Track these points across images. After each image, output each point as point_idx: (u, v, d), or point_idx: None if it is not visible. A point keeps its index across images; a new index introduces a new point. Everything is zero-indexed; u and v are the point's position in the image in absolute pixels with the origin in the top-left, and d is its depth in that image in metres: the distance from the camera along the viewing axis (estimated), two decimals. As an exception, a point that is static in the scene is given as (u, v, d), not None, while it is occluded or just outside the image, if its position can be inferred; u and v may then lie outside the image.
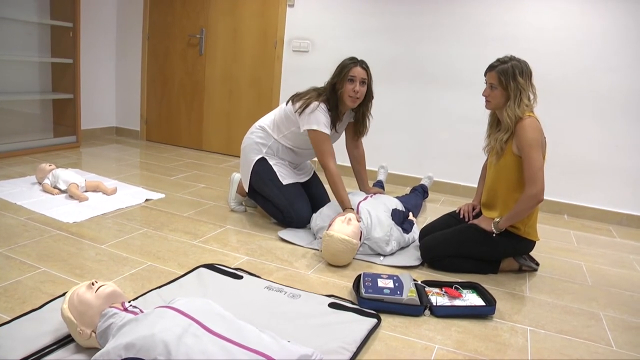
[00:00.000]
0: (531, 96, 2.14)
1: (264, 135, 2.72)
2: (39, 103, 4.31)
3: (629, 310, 2.05)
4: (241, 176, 2.85)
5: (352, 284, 2.01)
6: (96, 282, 1.43)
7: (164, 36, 4.70)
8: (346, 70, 2.49)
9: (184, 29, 4.60)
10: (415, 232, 2.60)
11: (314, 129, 2.50)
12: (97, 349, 1.33)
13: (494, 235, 2.20)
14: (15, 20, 3.87)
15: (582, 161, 3.46)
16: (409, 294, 1.83)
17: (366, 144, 2.95)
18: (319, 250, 2.38)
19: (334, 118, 2.56)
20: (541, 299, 2.08)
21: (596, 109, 3.36)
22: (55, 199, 2.85)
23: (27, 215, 2.54)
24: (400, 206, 2.65)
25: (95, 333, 1.37)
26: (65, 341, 1.45)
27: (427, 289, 1.98)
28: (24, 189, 2.97)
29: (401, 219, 2.57)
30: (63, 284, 1.83)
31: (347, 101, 2.53)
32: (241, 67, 4.43)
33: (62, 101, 4.30)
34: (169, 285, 1.86)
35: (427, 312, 1.85)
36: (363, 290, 1.84)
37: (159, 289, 1.82)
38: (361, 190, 2.94)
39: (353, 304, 1.84)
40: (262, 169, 2.68)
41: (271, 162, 2.68)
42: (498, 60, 2.16)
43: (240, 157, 2.81)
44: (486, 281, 2.18)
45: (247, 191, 2.79)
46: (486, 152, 2.39)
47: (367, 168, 3.00)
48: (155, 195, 3.08)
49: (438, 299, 1.91)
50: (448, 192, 3.84)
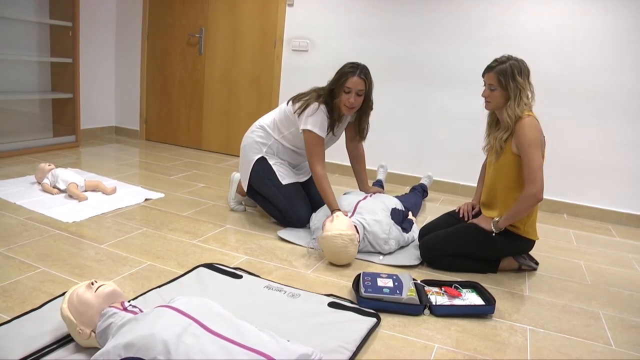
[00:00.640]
0: (529, 94, 2.14)
1: (264, 135, 2.72)
2: (39, 102, 4.31)
3: (628, 309, 2.05)
4: (240, 175, 2.85)
5: (351, 284, 2.01)
6: (96, 282, 1.43)
7: (163, 36, 4.70)
8: (343, 80, 2.47)
9: (183, 28, 4.60)
10: (415, 232, 2.60)
11: (309, 129, 2.50)
12: (97, 349, 1.33)
13: (493, 234, 2.20)
14: (14, 19, 3.87)
15: (582, 160, 3.46)
16: (408, 293, 1.83)
17: (365, 143, 2.94)
18: (314, 249, 2.37)
19: (332, 121, 2.56)
20: (540, 298, 2.08)
21: (595, 108, 3.36)
22: (54, 198, 2.85)
23: (27, 215, 2.54)
24: (399, 205, 2.65)
25: (94, 333, 1.37)
26: (64, 341, 1.45)
27: (427, 288, 1.98)
28: (23, 189, 2.97)
29: (401, 218, 2.57)
30: (62, 284, 1.83)
31: (342, 110, 2.54)
32: (241, 66, 4.43)
33: (61, 101, 4.29)
34: (168, 285, 1.86)
35: (426, 311, 1.85)
36: (362, 290, 1.84)
37: (158, 289, 1.82)
38: (361, 190, 2.93)
39: (352, 303, 1.84)
40: (261, 168, 2.68)
41: (271, 162, 2.68)
42: (496, 61, 2.15)
43: (240, 156, 2.81)
44: (486, 280, 2.18)
45: (246, 190, 2.80)
46: (485, 151, 2.39)
47: (368, 167, 3.01)
48: (155, 195, 3.08)
49: (437, 298, 1.91)
50: (447, 191, 3.84)
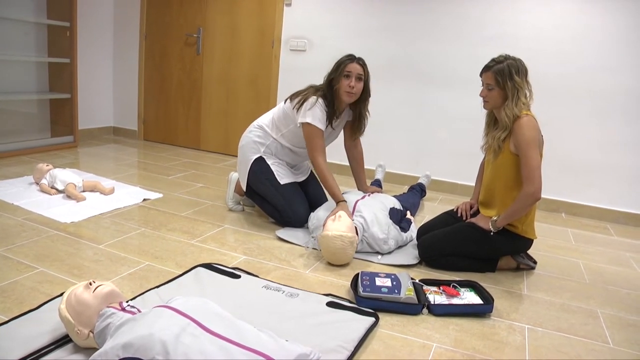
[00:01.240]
0: (527, 94, 2.14)
1: (262, 135, 2.72)
2: (36, 103, 4.30)
3: (626, 307, 2.06)
4: (239, 175, 2.85)
5: (350, 283, 2.01)
6: (94, 282, 1.43)
7: (161, 35, 4.70)
8: (342, 67, 2.50)
9: (181, 28, 4.59)
10: (413, 231, 2.61)
11: (308, 122, 2.51)
12: (95, 349, 1.32)
13: (491, 233, 2.20)
14: (11, 19, 3.86)
15: (580, 159, 3.47)
16: (406, 292, 1.83)
17: (364, 143, 2.95)
18: (314, 249, 2.38)
19: (330, 114, 2.57)
20: (539, 297, 2.09)
21: (594, 107, 3.37)
22: (52, 199, 2.85)
23: (25, 216, 2.54)
24: (397, 205, 2.66)
25: (93, 333, 1.37)
26: (63, 341, 1.45)
27: (425, 287, 1.98)
28: (21, 189, 2.96)
29: (399, 218, 2.57)
30: (61, 284, 1.83)
31: (343, 97, 2.54)
32: (239, 66, 4.42)
33: (59, 101, 4.29)
34: (167, 285, 1.86)
35: (425, 310, 1.85)
36: (361, 289, 1.84)
37: (157, 289, 1.82)
38: (359, 189, 2.93)
39: (351, 302, 1.84)
40: (259, 168, 2.68)
41: (269, 162, 2.68)
42: (493, 61, 2.16)
43: (238, 156, 2.81)
44: (484, 279, 2.18)
45: (244, 190, 2.80)
46: (484, 150, 2.39)
47: (366, 167, 3.01)
48: (153, 195, 3.07)
49: (436, 297, 1.91)
50: (446, 190, 3.84)
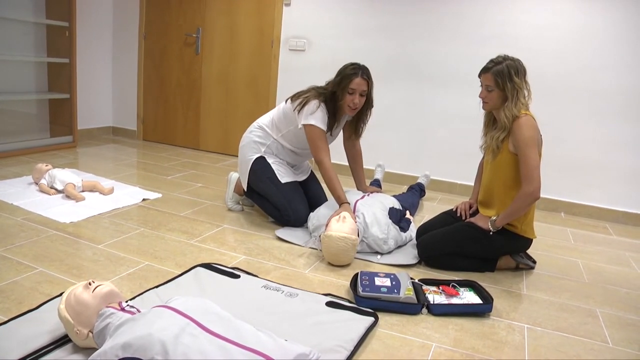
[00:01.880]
0: (526, 94, 2.14)
1: (262, 135, 2.72)
2: (35, 103, 4.30)
3: (626, 307, 2.06)
4: (239, 174, 2.85)
5: (349, 283, 2.01)
6: (93, 282, 1.43)
7: (160, 35, 4.69)
8: (346, 82, 2.49)
9: (180, 28, 4.59)
10: (413, 231, 2.61)
11: (311, 124, 2.51)
12: (95, 349, 1.32)
13: (490, 233, 2.20)
14: (10, 19, 3.86)
15: (579, 159, 3.47)
16: (406, 292, 1.83)
17: (363, 142, 2.95)
18: (315, 249, 2.38)
19: (331, 123, 2.58)
20: (538, 297, 2.09)
21: (593, 107, 3.37)
22: (52, 199, 2.84)
23: (24, 216, 2.54)
24: (397, 205, 2.66)
25: (92, 333, 1.37)
26: (62, 341, 1.45)
27: (425, 287, 1.98)
28: (20, 189, 2.96)
29: (398, 218, 2.57)
30: (60, 284, 1.83)
31: (346, 110, 2.57)
32: (238, 66, 4.42)
33: (58, 101, 4.28)
34: (166, 285, 1.86)
35: (424, 310, 1.85)
36: (360, 289, 1.84)
37: (156, 289, 1.82)
38: (358, 189, 2.94)
39: (350, 302, 1.84)
40: (260, 167, 2.67)
41: (270, 161, 2.68)
42: (492, 62, 2.15)
43: (239, 156, 2.81)
44: (483, 279, 2.19)
45: (244, 190, 2.79)
46: (483, 150, 2.39)
47: (365, 166, 3.01)
48: (152, 195, 3.07)
49: (435, 297, 1.91)
50: (445, 190, 3.84)
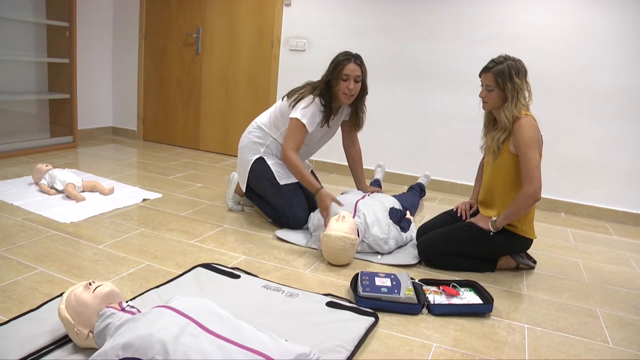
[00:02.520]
0: (527, 94, 2.14)
1: (261, 135, 2.72)
2: (36, 103, 4.30)
3: (626, 307, 2.06)
4: (238, 175, 2.85)
5: (349, 283, 2.01)
6: (93, 282, 1.43)
7: (160, 35, 4.69)
8: (340, 68, 2.49)
9: (180, 28, 4.59)
10: (413, 231, 2.61)
11: (297, 117, 2.51)
12: (95, 349, 1.32)
13: (491, 233, 2.20)
14: (10, 19, 3.86)
15: (579, 159, 3.47)
16: (406, 292, 1.83)
17: (363, 142, 2.95)
18: (315, 249, 2.38)
19: (328, 114, 2.57)
20: (538, 297, 2.09)
21: (593, 107, 3.37)
22: (52, 199, 2.84)
23: (24, 216, 2.54)
24: (397, 205, 2.66)
25: (92, 333, 1.37)
26: (62, 341, 1.45)
27: (425, 287, 1.99)
28: (20, 190, 2.96)
29: (399, 218, 2.57)
30: (60, 284, 1.83)
31: (342, 98, 2.55)
32: (238, 66, 4.42)
33: (58, 101, 4.28)
34: (166, 285, 1.86)
35: (424, 310, 1.85)
36: (360, 289, 1.84)
37: (156, 289, 1.82)
38: (358, 189, 2.93)
39: (351, 302, 1.84)
40: (259, 168, 2.67)
41: (269, 162, 2.68)
42: (493, 61, 2.15)
43: (238, 156, 2.81)
44: (483, 279, 2.19)
45: (244, 191, 2.79)
46: (483, 150, 2.39)
47: (365, 167, 3.00)
48: (153, 195, 3.07)
49: (435, 297, 1.91)
50: (445, 190, 3.84)
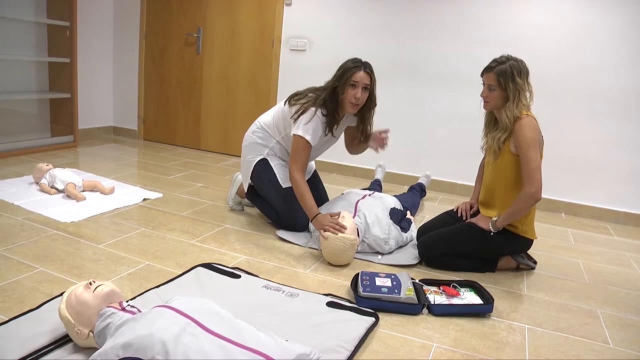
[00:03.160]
0: (528, 95, 2.14)
1: (264, 137, 2.68)
2: (36, 102, 4.30)
3: (626, 307, 2.06)
4: (241, 173, 2.83)
5: (350, 283, 2.01)
6: (94, 282, 1.43)
7: (161, 35, 4.70)
8: (349, 75, 2.35)
9: (181, 27, 4.59)
10: (413, 231, 2.61)
11: (300, 135, 2.41)
12: (95, 349, 1.32)
13: (491, 233, 2.20)
14: (11, 19, 3.86)
15: (579, 159, 3.47)
16: (406, 292, 1.83)
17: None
18: (316, 249, 2.38)
19: (331, 123, 2.47)
20: (539, 297, 2.09)
21: (593, 107, 3.37)
22: (52, 198, 2.84)
23: (25, 215, 2.54)
24: (398, 205, 2.66)
25: (93, 333, 1.37)
26: (63, 341, 1.45)
27: (425, 287, 1.98)
28: (21, 189, 2.96)
29: (399, 218, 2.57)
30: (61, 284, 1.83)
31: (347, 107, 2.43)
32: (238, 66, 4.42)
33: (59, 100, 4.28)
34: (166, 285, 1.86)
35: (425, 310, 1.85)
36: (361, 289, 1.84)
37: (156, 289, 1.82)
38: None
39: (351, 302, 1.84)
40: (262, 169, 2.64)
41: (272, 163, 2.65)
42: (495, 61, 2.14)
43: (242, 155, 2.78)
44: (484, 279, 2.18)
45: (246, 191, 2.78)
46: (483, 150, 2.39)
47: (365, 167, 3.01)
48: (153, 195, 3.07)
49: (436, 297, 1.91)
50: (446, 190, 3.84)
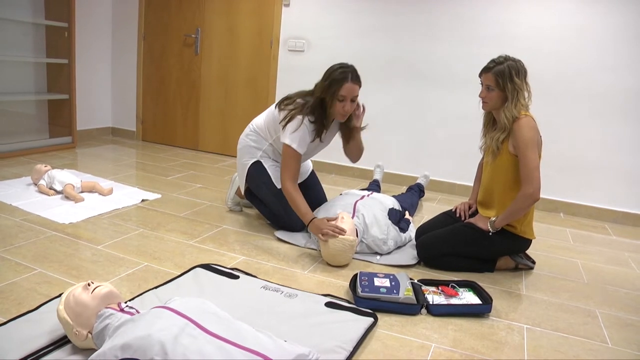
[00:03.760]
0: (526, 95, 2.14)
1: (257, 139, 2.67)
2: (35, 104, 4.29)
3: (625, 307, 2.06)
4: (238, 176, 2.84)
5: (348, 283, 2.01)
6: (92, 283, 1.43)
7: (159, 36, 4.69)
8: (336, 88, 2.32)
9: (179, 28, 4.59)
10: (412, 231, 2.61)
11: (288, 144, 2.40)
12: (94, 350, 1.32)
13: (490, 234, 2.20)
14: (9, 20, 3.85)
15: (578, 159, 3.47)
16: (405, 292, 1.83)
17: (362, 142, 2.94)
18: (315, 250, 2.38)
19: (319, 130, 2.46)
20: (537, 297, 2.09)
21: (592, 107, 3.37)
22: (51, 199, 2.84)
23: (23, 217, 2.53)
24: (396, 205, 2.66)
25: (91, 334, 1.37)
26: (61, 342, 1.45)
27: (424, 287, 1.98)
28: (19, 190, 2.96)
29: (398, 218, 2.57)
30: (59, 285, 1.83)
31: (336, 117, 2.44)
32: (237, 66, 4.42)
33: (57, 102, 4.28)
34: (165, 286, 1.86)
35: (423, 310, 1.85)
36: (359, 290, 1.84)
37: (155, 290, 1.81)
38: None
39: (350, 303, 1.84)
40: (256, 171, 2.64)
41: (266, 165, 2.64)
42: (493, 61, 2.14)
43: (237, 157, 2.79)
44: (482, 279, 2.19)
45: (243, 193, 2.78)
46: (482, 150, 2.39)
47: (363, 167, 3.01)
48: (152, 196, 3.07)
49: (435, 297, 1.91)
50: (444, 190, 3.84)
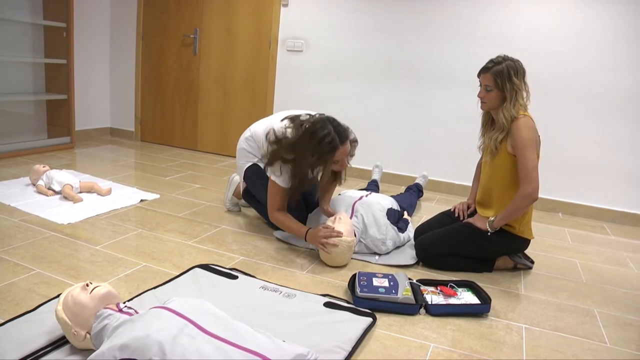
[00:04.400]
0: (525, 95, 2.14)
1: (253, 146, 2.63)
2: (33, 104, 4.29)
3: (623, 307, 2.06)
4: (238, 175, 2.83)
5: (347, 284, 2.01)
6: (91, 283, 1.43)
7: (158, 36, 4.69)
8: (328, 157, 2.18)
9: (178, 28, 4.59)
10: (411, 231, 2.61)
11: (272, 179, 2.36)
12: (92, 351, 1.32)
13: (488, 233, 2.21)
14: (8, 20, 3.85)
15: (577, 159, 3.47)
16: (404, 292, 1.83)
17: (361, 142, 2.92)
18: (314, 249, 2.38)
19: (300, 182, 2.34)
20: (536, 297, 2.09)
21: (591, 107, 3.38)
22: (49, 200, 2.84)
23: (21, 217, 2.53)
24: (395, 205, 2.66)
25: (89, 334, 1.37)
26: (59, 343, 1.45)
27: (422, 287, 1.99)
28: (17, 191, 2.95)
29: (396, 218, 2.57)
30: (57, 286, 1.83)
31: (334, 169, 2.34)
32: (235, 66, 4.42)
33: (56, 102, 4.28)
34: (164, 286, 1.86)
35: (422, 310, 1.85)
36: (358, 290, 1.84)
37: (154, 290, 1.81)
38: (320, 205, 2.63)
39: (348, 303, 1.84)
40: (253, 172, 2.62)
41: (263, 166, 2.63)
42: (492, 62, 2.14)
43: (236, 158, 2.78)
44: (481, 279, 2.19)
45: (242, 191, 2.77)
46: (481, 150, 2.39)
47: (363, 167, 3.00)
48: (150, 196, 3.07)
49: (433, 297, 1.91)
50: (443, 190, 3.84)
